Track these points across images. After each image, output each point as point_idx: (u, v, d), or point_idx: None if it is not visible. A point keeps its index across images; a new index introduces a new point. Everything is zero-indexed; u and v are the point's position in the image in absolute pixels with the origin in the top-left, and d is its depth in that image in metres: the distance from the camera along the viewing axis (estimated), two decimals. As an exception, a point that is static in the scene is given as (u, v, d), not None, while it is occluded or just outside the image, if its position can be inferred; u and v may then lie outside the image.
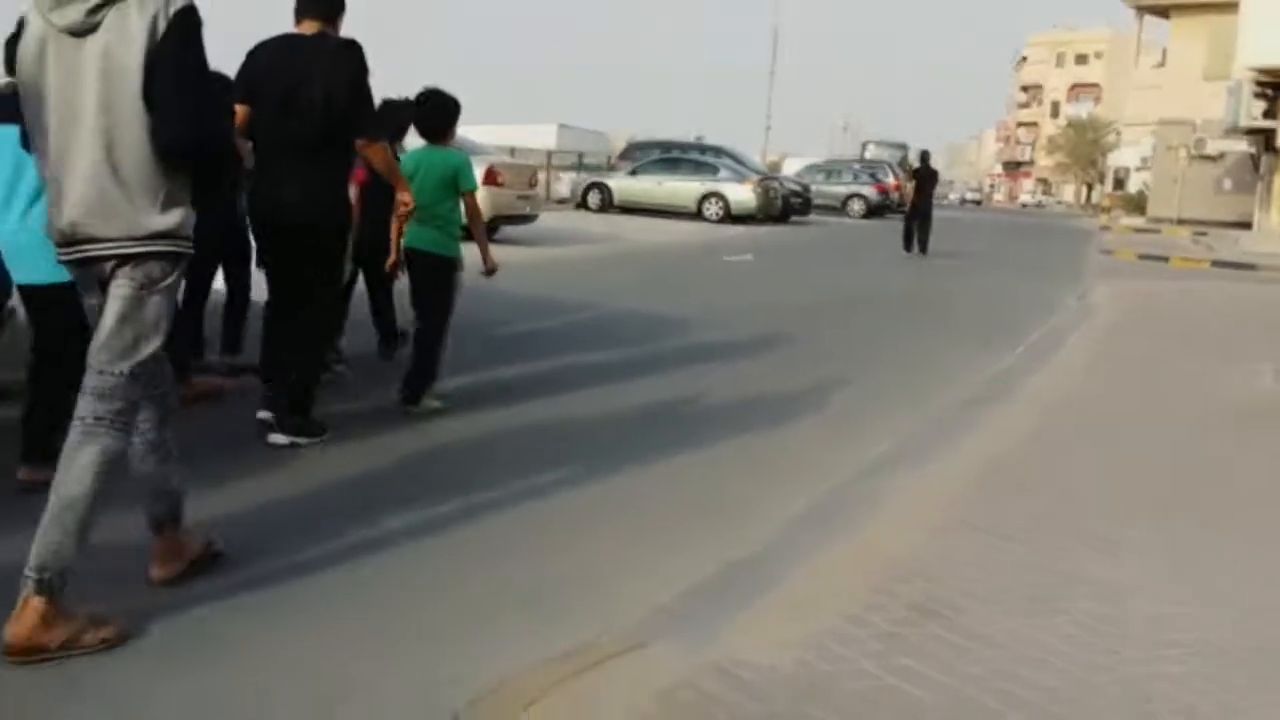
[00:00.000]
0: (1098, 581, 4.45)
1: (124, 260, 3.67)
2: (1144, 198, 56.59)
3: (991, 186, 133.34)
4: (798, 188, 37.94)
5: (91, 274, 3.77)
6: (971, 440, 6.93)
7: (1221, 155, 48.08)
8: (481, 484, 5.58)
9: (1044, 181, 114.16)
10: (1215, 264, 25.44)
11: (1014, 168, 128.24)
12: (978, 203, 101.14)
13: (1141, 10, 59.65)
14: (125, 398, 3.68)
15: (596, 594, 4.32)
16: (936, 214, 25.04)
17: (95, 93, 3.59)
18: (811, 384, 8.86)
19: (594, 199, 32.81)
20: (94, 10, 3.56)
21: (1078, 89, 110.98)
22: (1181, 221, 46.13)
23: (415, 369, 7.05)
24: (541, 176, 25.97)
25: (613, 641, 3.74)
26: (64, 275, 4.04)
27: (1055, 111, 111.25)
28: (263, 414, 6.23)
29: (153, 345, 3.73)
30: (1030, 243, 33.10)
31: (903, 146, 64.47)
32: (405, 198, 6.36)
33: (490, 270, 7.36)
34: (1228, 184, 48.68)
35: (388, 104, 7.64)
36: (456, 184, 7.05)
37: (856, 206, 43.13)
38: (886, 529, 5.11)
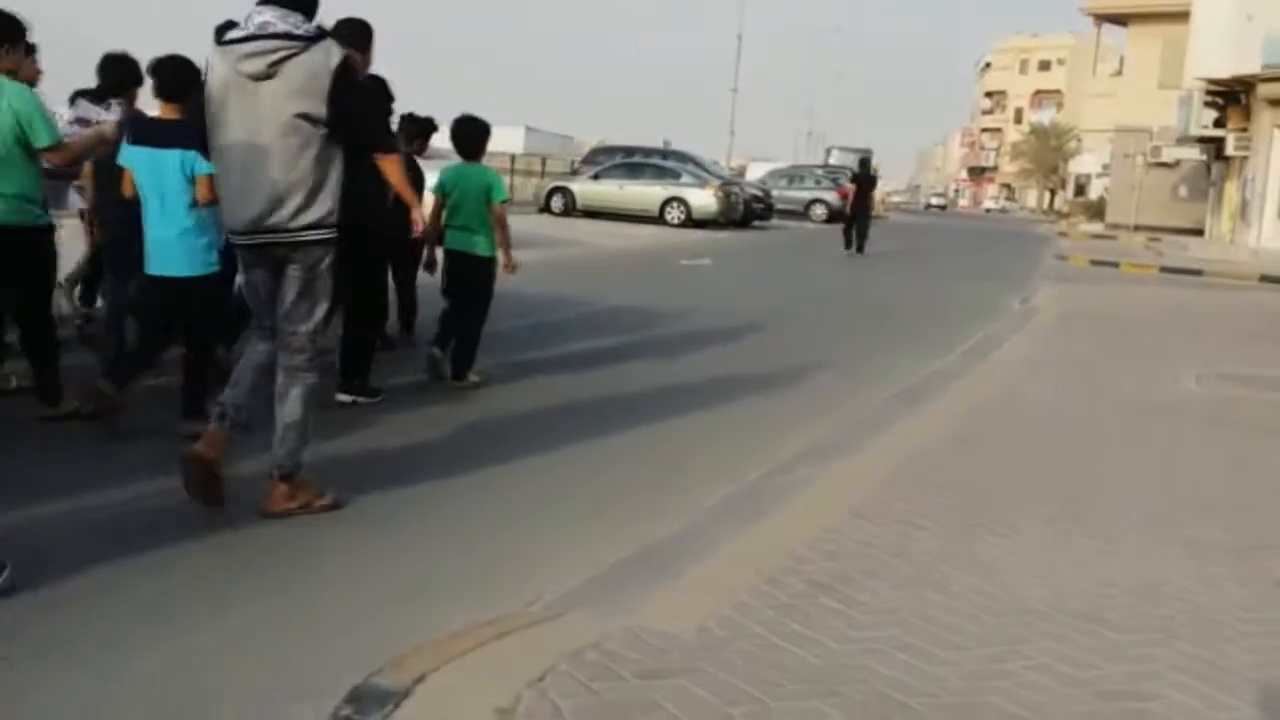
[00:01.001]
0: (981, 561, 4.88)
1: (294, 246, 4.99)
2: (1104, 204, 57.38)
3: (956, 191, 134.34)
4: (759, 193, 38.42)
5: (267, 257, 5.07)
6: (892, 435, 7.35)
7: (1178, 163, 48.90)
8: (458, 461, 6.02)
9: (1008, 187, 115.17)
10: (1163, 270, 26.05)
11: (979, 173, 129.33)
12: (942, 208, 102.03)
13: (1099, 19, 60.48)
14: (310, 349, 5.16)
15: (530, 571, 4.75)
16: (898, 218, 25.87)
17: (269, 122, 4.87)
18: (749, 383, 9.34)
19: (557, 203, 33.16)
20: (272, 65, 4.83)
21: (1040, 95, 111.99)
22: (1138, 228, 46.89)
23: (460, 352, 8.20)
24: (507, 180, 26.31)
25: (535, 611, 4.16)
26: (196, 269, 6.29)
27: (1019, 118, 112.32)
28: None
29: (322, 311, 5.17)
30: (987, 248, 33.68)
31: (866, 152, 65.06)
32: (417, 216, 6.55)
33: (511, 268, 8.40)
34: (1184, 191, 49.52)
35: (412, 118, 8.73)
36: (489, 195, 8.18)
37: (819, 211, 43.61)
38: (801, 516, 5.52)
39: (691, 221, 31.67)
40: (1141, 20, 55.42)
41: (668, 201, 32.15)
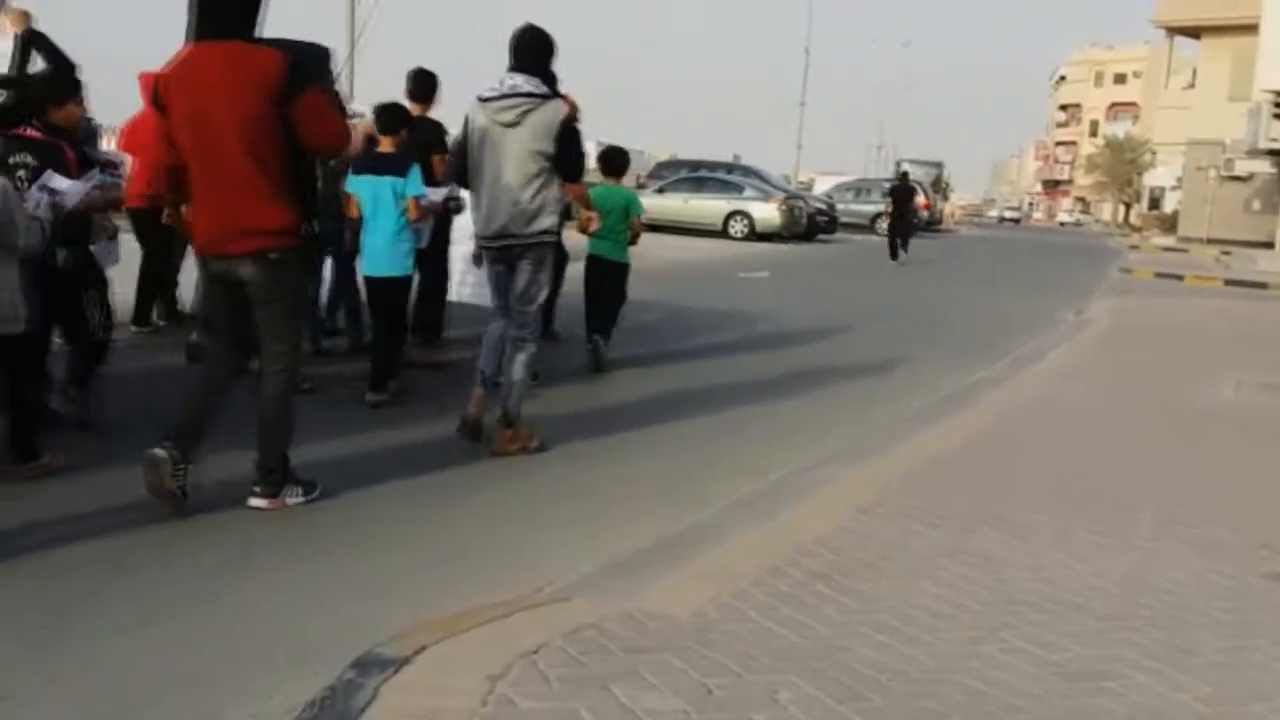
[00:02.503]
0: (981, 555, 5.06)
1: (526, 248, 6.65)
2: (1178, 217, 56.76)
3: (1031, 205, 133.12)
4: (823, 206, 38.47)
5: (506, 255, 6.73)
6: (919, 439, 7.53)
7: (1251, 176, 48.25)
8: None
9: (1082, 200, 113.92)
10: (1228, 282, 25.86)
11: (1053, 186, 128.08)
12: (1016, 221, 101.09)
13: (1172, 31, 59.91)
14: (531, 325, 6.84)
15: (548, 557, 5.02)
16: (968, 231, 25.61)
17: (513, 158, 6.55)
18: (791, 388, 9.62)
19: (622, 217, 33.31)
20: (520, 116, 6.51)
21: (1116, 108, 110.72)
22: (1211, 241, 46.36)
23: (594, 350, 9.73)
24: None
25: (545, 594, 4.43)
26: (400, 270, 7.97)
27: (1094, 130, 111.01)
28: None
29: (542, 297, 6.88)
30: (1053, 261, 33.47)
31: (938, 165, 64.69)
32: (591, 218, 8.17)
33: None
34: (1257, 204, 48.82)
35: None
36: (629, 210, 10.07)
37: (884, 225, 43.47)
38: (814, 512, 5.73)
39: (755, 235, 31.83)
40: (1213, 32, 54.84)
41: (731, 215, 32.32)
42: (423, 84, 9.19)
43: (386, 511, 5.64)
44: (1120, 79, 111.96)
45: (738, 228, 32.14)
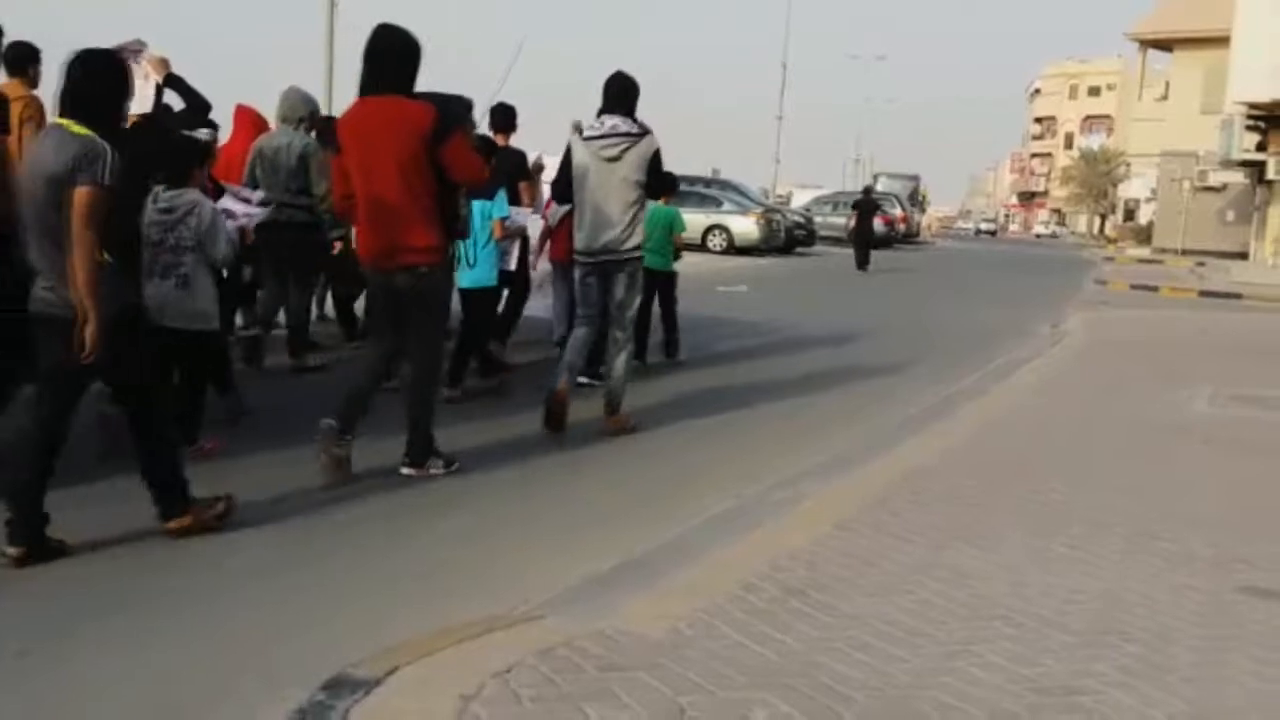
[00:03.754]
0: (957, 570, 5.06)
1: (623, 263, 7.86)
2: (1152, 228, 57.10)
3: (1007, 217, 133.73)
4: (801, 219, 38.56)
5: (602, 269, 7.92)
6: (895, 454, 7.54)
7: (1224, 186, 48.61)
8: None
9: (1058, 212, 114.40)
10: (1203, 293, 26.02)
11: (1029, 198, 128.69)
12: (992, 233, 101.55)
13: (1145, 44, 60.27)
14: (629, 328, 8.09)
15: (523, 575, 5.00)
16: (945, 244, 25.71)
17: (615, 188, 7.78)
18: (769, 403, 9.66)
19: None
20: (621, 152, 7.75)
21: (1090, 120, 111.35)
22: (1185, 252, 46.64)
23: (669, 346, 11.01)
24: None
25: (518, 614, 4.40)
26: (488, 282, 9.11)
27: (1069, 143, 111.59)
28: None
29: (636, 305, 8.16)
30: (1029, 273, 33.64)
31: (914, 178, 64.91)
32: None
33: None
34: (1230, 215, 49.18)
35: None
36: (672, 227, 11.00)
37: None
38: (790, 527, 5.72)
39: (734, 248, 31.89)
40: (1185, 45, 55.18)
41: (710, 229, 32.35)
42: (504, 117, 10.25)
43: (365, 527, 5.62)
44: (1094, 92, 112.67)
45: (716, 241, 32.22)
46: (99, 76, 5.10)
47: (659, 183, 8.14)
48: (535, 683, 3.60)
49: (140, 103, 7.08)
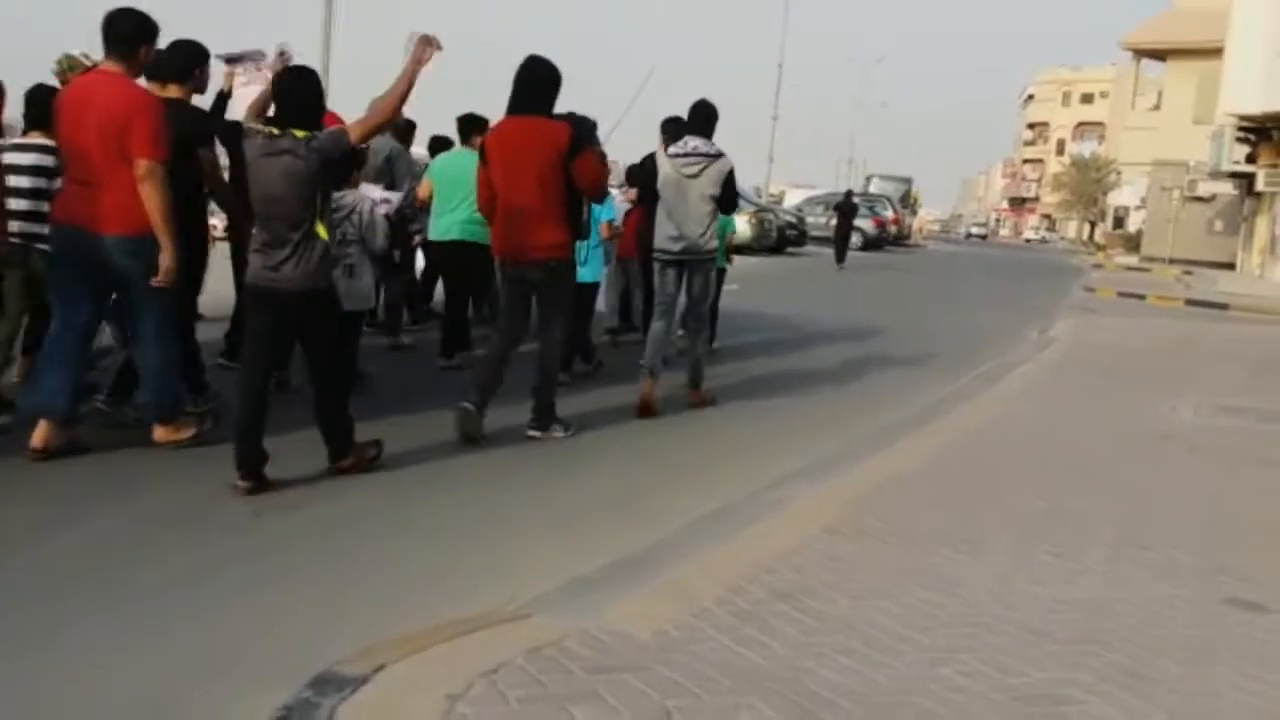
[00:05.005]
0: (943, 577, 5.08)
1: (700, 262, 9.03)
2: (1142, 237, 57.26)
3: (998, 221, 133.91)
4: (792, 219, 38.57)
5: (681, 267, 9.05)
6: (883, 457, 7.57)
7: (1213, 197, 48.77)
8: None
9: (1049, 218, 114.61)
10: (1189, 302, 26.09)
11: (1019, 204, 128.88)
12: (983, 237, 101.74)
13: (1139, 54, 60.41)
14: (703, 317, 9.47)
15: (511, 574, 5.01)
16: (936, 247, 25.77)
17: (694, 199, 8.90)
18: (759, 404, 9.73)
19: (593, 228, 33.34)
20: (700, 170, 8.87)
21: (1083, 127, 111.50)
22: (1174, 261, 46.79)
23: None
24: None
25: (505, 612, 4.42)
26: (593, 277, 10.18)
27: (1061, 149, 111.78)
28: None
29: (709, 297, 9.58)
30: (1019, 279, 33.69)
31: (907, 180, 64.95)
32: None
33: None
34: (1219, 225, 49.34)
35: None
36: (724, 230, 10.90)
37: (853, 239, 43.62)
38: (778, 530, 5.74)
39: (724, 247, 31.77)
40: (1179, 56, 55.32)
41: (701, 227, 32.17)
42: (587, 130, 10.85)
43: (348, 525, 5.64)
44: (1087, 99, 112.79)
45: (707, 239, 32.06)
46: (311, 90, 6.16)
47: (730, 199, 9.20)
48: (522, 683, 3.61)
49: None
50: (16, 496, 5.73)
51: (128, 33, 6.35)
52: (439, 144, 11.97)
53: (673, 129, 10.34)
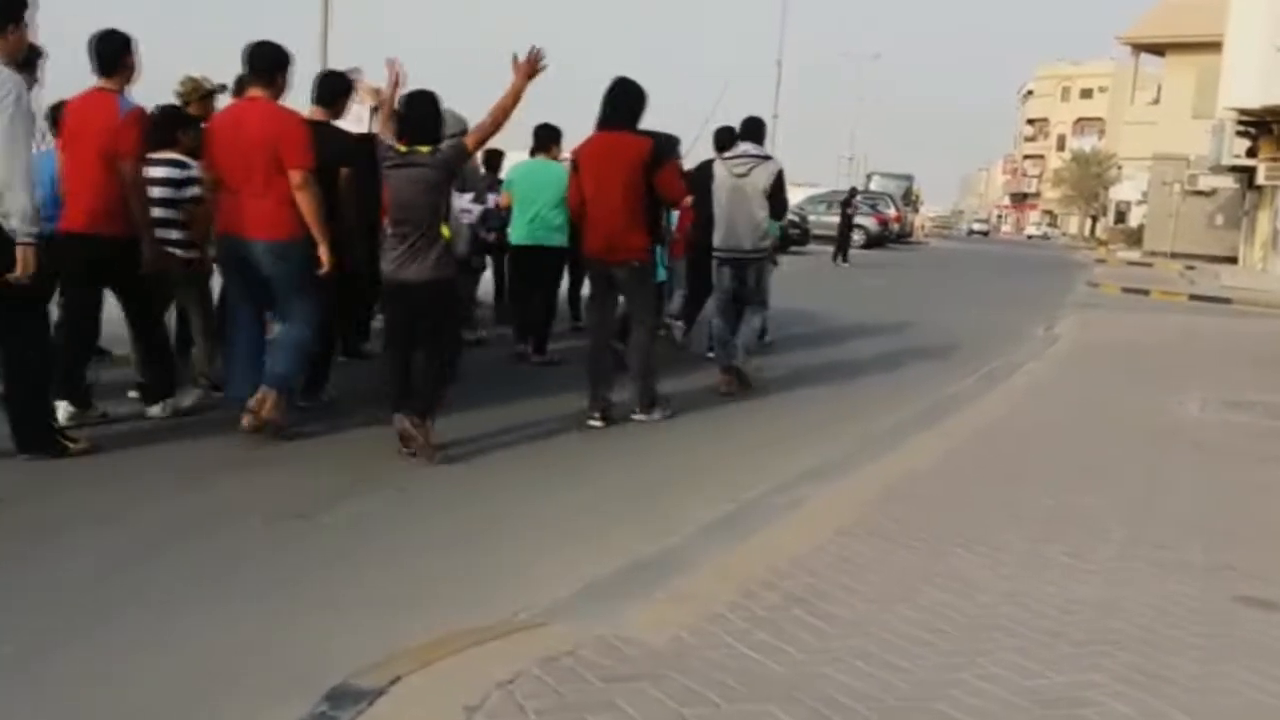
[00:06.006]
0: (957, 578, 5.07)
1: (754, 259, 10.03)
2: (1143, 231, 57.23)
3: (999, 218, 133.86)
4: (795, 218, 38.46)
5: (735, 264, 10.05)
6: (892, 458, 7.55)
7: (1214, 191, 48.72)
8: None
9: (1050, 213, 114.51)
10: (1193, 297, 26.08)
11: (1021, 199, 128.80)
12: (985, 234, 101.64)
13: (1138, 48, 60.35)
14: (760, 309, 10.22)
15: (523, 582, 4.99)
16: (938, 244, 25.81)
17: (746, 198, 9.85)
18: (766, 404, 9.75)
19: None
20: (749, 170, 9.83)
21: (1082, 123, 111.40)
22: (1175, 255, 46.78)
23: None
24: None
25: (519, 620, 4.41)
26: (661, 277, 10.33)
27: (1061, 144, 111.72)
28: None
29: (765, 290, 10.26)
30: (1022, 274, 33.70)
31: (908, 178, 64.86)
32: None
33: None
34: (1220, 219, 49.30)
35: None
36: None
37: (856, 237, 43.45)
38: (789, 532, 5.73)
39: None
40: (1178, 50, 55.26)
41: (702, 227, 32.16)
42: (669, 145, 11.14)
43: (357, 529, 5.62)
44: (1087, 94, 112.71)
45: (709, 239, 32.02)
46: (434, 109, 7.09)
47: (779, 199, 10.05)
48: (539, 693, 3.60)
49: (356, 123, 8.98)
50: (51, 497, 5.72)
51: (268, 63, 7.32)
52: (492, 157, 12.70)
53: (725, 137, 11.16)
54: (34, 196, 6.05)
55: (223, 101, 8.51)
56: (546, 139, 11.27)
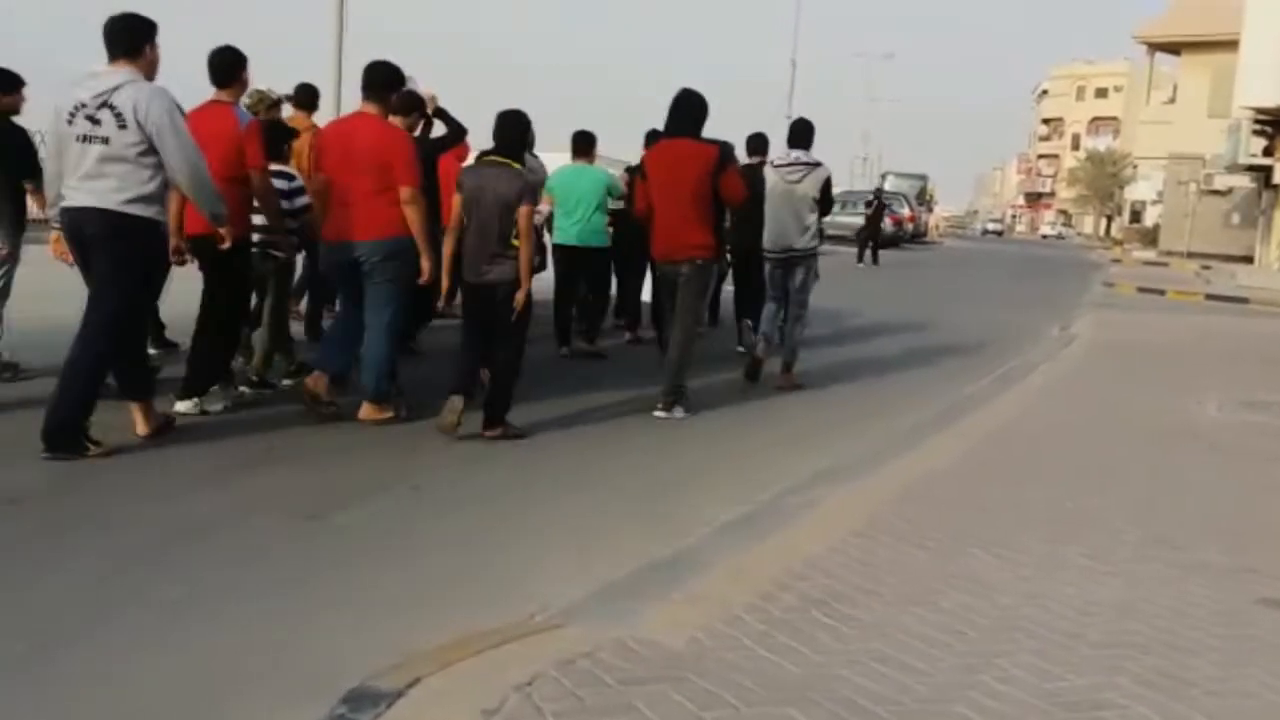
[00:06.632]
0: (975, 579, 5.05)
1: (803, 258, 10.46)
2: (1158, 231, 57.07)
3: (1014, 217, 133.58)
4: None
5: (785, 263, 10.51)
6: (908, 458, 7.53)
7: (1230, 190, 48.55)
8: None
9: (1065, 213, 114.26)
10: (1209, 297, 25.99)
11: (1035, 199, 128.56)
12: (999, 233, 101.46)
13: (1153, 47, 60.14)
14: (806, 306, 10.64)
15: (538, 582, 4.97)
16: (952, 244, 25.76)
17: (796, 202, 10.36)
18: (785, 404, 9.79)
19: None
20: (801, 177, 10.32)
21: (1097, 122, 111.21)
22: (1191, 255, 46.67)
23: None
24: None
25: (536, 622, 4.40)
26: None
27: (1076, 144, 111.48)
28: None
29: (811, 288, 10.65)
30: (1038, 274, 33.62)
31: (923, 177, 64.75)
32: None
33: None
34: (1236, 218, 49.12)
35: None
36: None
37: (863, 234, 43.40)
38: (806, 534, 5.71)
39: (739, 248, 31.74)
40: (1193, 49, 55.04)
41: (718, 226, 32.17)
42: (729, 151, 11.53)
43: (369, 530, 5.61)
44: (1101, 93, 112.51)
45: (724, 239, 32.03)
46: (523, 128, 7.92)
47: (828, 203, 10.55)
48: (557, 696, 3.58)
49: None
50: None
51: (382, 82, 7.90)
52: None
53: (756, 144, 12.02)
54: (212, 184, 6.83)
55: (286, 110, 9.39)
56: (585, 145, 11.78)
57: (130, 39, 6.53)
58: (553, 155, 11.96)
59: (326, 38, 25.24)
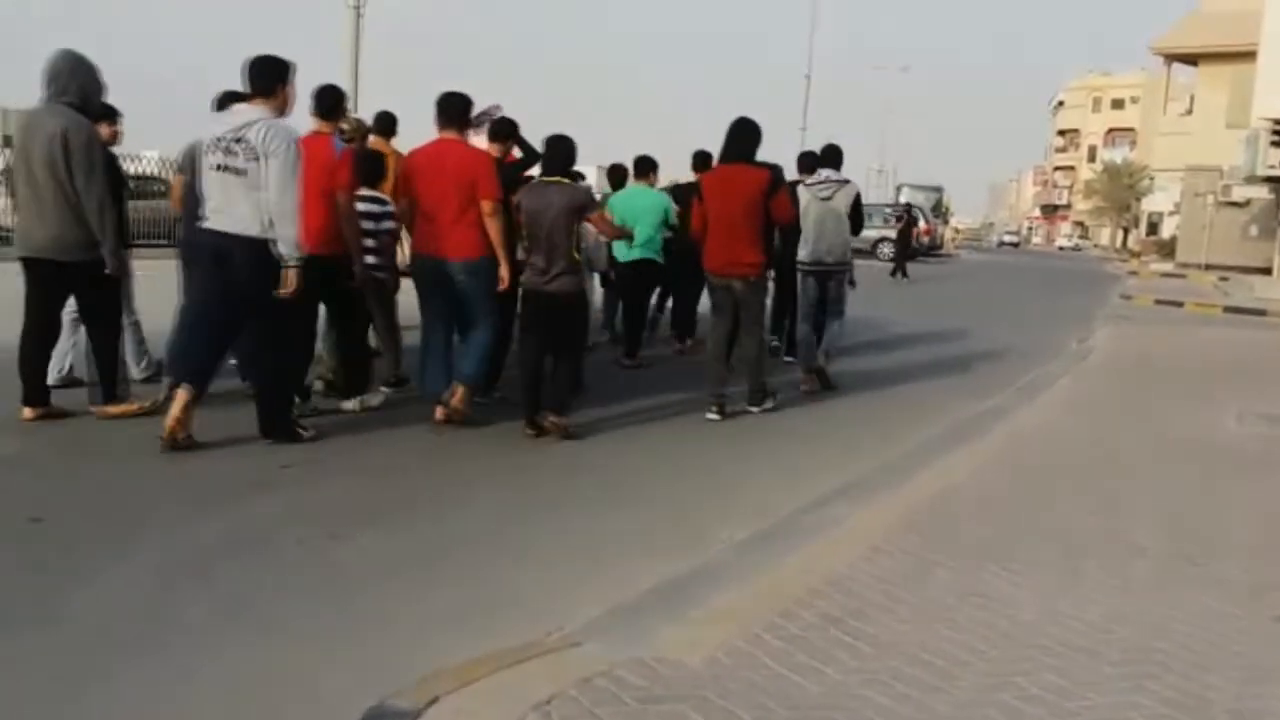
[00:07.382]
0: (994, 596, 5.03)
1: (836, 272, 11.30)
2: (1176, 243, 56.88)
3: (1030, 229, 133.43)
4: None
5: (819, 275, 11.29)
6: (926, 474, 7.51)
7: (1248, 202, 48.34)
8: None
9: (1081, 225, 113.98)
10: (1227, 310, 25.85)
11: (1051, 211, 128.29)
12: (1015, 245, 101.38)
13: (1170, 58, 60.01)
14: (842, 312, 11.49)
15: (556, 601, 4.96)
16: (970, 257, 26.06)
17: (828, 219, 11.13)
18: (799, 418, 9.71)
19: (627, 241, 33.53)
20: (832, 194, 11.13)
21: (1114, 133, 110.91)
22: (1209, 267, 46.45)
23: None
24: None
25: (555, 640, 4.40)
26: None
27: (1092, 155, 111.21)
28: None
29: (845, 300, 11.56)
30: (1055, 286, 33.53)
31: (938, 189, 64.68)
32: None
33: None
34: (1254, 230, 48.88)
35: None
36: None
37: (885, 250, 43.36)
38: (824, 551, 5.70)
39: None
40: (1211, 60, 54.91)
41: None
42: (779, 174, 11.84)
43: (398, 547, 5.61)
44: (1118, 105, 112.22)
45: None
46: (573, 149, 8.56)
47: (859, 219, 11.28)
48: (576, 715, 3.58)
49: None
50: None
51: (459, 109, 8.63)
52: (616, 172, 13.70)
53: (807, 162, 12.47)
54: (298, 228, 7.26)
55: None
56: (646, 168, 12.82)
57: (264, 81, 7.30)
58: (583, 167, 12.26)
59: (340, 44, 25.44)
